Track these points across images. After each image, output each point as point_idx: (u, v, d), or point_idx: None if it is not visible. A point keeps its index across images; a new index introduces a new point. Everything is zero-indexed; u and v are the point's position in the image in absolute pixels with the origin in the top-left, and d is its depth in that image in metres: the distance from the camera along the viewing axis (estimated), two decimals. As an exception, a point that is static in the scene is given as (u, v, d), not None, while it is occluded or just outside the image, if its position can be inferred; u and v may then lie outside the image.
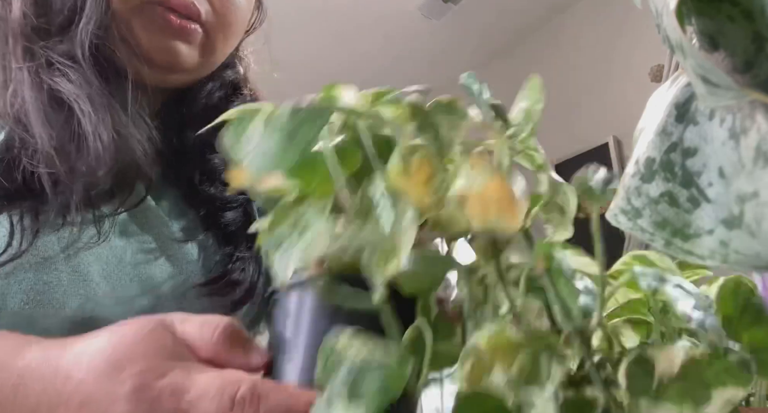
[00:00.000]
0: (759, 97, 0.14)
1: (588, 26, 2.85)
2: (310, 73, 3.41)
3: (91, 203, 0.48)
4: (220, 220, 0.58)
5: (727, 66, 0.16)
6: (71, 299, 0.47)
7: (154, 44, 0.53)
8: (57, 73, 0.48)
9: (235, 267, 0.56)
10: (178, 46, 0.54)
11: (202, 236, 0.57)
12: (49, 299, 0.46)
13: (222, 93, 0.62)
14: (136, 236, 0.53)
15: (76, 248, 0.48)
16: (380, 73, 3.44)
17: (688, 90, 0.18)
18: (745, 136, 0.15)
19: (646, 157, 0.18)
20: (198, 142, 0.58)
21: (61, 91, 0.48)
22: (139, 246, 0.53)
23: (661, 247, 0.17)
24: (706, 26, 0.16)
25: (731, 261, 0.15)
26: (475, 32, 3.13)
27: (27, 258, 0.45)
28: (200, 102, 0.61)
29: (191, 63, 0.56)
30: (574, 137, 2.74)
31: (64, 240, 0.47)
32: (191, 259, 0.55)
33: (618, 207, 0.19)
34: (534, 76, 0.33)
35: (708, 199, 0.16)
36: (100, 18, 0.49)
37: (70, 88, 0.48)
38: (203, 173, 0.59)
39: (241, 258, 0.56)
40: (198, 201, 0.58)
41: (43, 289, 0.46)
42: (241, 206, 0.59)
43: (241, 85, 0.64)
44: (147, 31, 0.53)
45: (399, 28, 3.08)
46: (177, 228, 0.56)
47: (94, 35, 0.49)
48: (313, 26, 3.03)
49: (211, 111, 0.59)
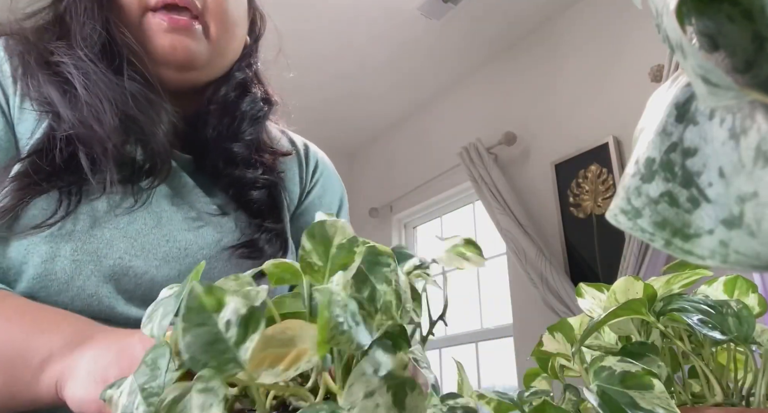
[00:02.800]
0: (759, 97, 0.14)
1: (588, 26, 2.85)
2: (310, 73, 3.41)
3: (128, 177, 0.59)
4: (247, 198, 0.68)
5: (727, 66, 0.16)
6: (113, 251, 0.57)
7: (163, 45, 0.62)
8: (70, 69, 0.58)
9: (263, 236, 0.65)
10: (184, 41, 0.62)
11: (233, 212, 0.66)
12: (95, 248, 0.56)
13: (235, 93, 0.71)
14: (178, 206, 0.64)
15: (116, 213, 0.59)
16: (380, 73, 3.44)
17: (688, 90, 0.18)
18: (745, 136, 0.15)
19: (646, 157, 0.18)
20: (217, 134, 0.68)
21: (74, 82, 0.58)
22: (183, 214, 0.63)
23: (661, 247, 0.17)
24: (706, 26, 0.16)
25: (731, 261, 0.15)
26: (475, 32, 3.13)
27: (79, 218, 0.57)
28: (215, 102, 0.70)
29: (201, 56, 0.64)
30: (574, 137, 2.74)
31: (108, 205, 0.59)
32: (227, 229, 0.65)
33: (618, 207, 0.19)
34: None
35: (708, 199, 0.16)
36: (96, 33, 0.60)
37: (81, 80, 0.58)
38: (226, 160, 0.68)
39: (269, 229, 0.66)
40: (226, 183, 0.68)
41: (90, 241, 0.57)
42: (265, 186, 0.69)
43: (250, 86, 0.73)
44: (154, 35, 0.62)
45: (399, 28, 3.08)
46: (213, 204, 0.66)
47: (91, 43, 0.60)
48: (313, 26, 3.03)
49: (224, 109, 0.71)
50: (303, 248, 0.32)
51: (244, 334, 0.26)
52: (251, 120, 0.71)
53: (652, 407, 0.35)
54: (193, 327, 0.26)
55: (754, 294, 0.51)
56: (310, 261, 0.31)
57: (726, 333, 0.43)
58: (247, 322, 0.27)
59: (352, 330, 0.26)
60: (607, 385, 0.38)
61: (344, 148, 4.32)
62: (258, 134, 0.72)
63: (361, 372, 0.26)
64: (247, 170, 0.69)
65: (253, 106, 0.71)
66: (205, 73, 0.67)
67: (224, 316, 0.27)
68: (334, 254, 0.32)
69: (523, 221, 2.74)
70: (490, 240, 3.17)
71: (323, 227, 0.32)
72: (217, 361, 0.26)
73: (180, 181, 0.65)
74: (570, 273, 2.59)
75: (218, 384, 0.25)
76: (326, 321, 0.26)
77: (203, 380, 0.25)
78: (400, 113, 3.83)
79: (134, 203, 0.60)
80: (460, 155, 3.11)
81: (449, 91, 3.59)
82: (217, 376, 0.25)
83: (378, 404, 0.26)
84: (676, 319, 0.46)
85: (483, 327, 3.14)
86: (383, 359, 0.27)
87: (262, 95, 0.74)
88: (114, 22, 0.61)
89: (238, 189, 0.68)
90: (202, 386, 0.25)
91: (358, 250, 0.32)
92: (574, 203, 2.67)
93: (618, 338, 0.53)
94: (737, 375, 0.47)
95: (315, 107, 3.66)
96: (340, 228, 0.32)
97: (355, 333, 0.26)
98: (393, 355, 0.28)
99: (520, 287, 2.84)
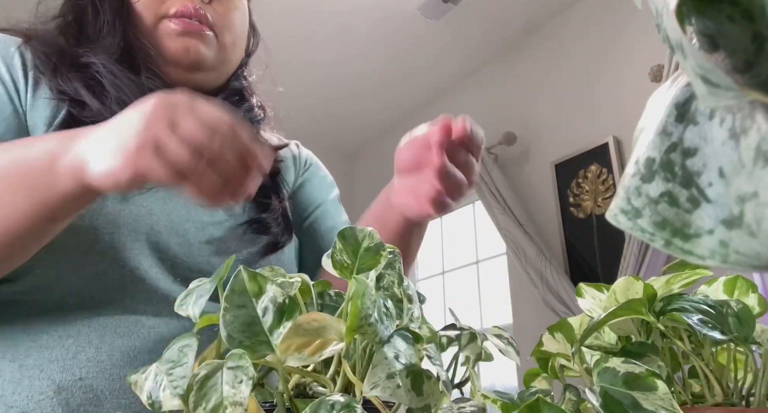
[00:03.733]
0: (759, 97, 0.14)
1: (588, 26, 2.85)
2: (310, 73, 3.41)
3: None
4: None
5: (727, 66, 0.16)
6: (140, 226, 0.62)
7: (176, 47, 0.67)
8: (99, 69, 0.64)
9: (269, 215, 0.72)
10: (197, 44, 0.68)
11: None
12: (124, 222, 0.61)
13: (232, 100, 0.77)
14: None
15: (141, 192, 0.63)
16: (380, 73, 3.44)
17: (688, 90, 0.18)
18: (745, 136, 0.15)
19: (646, 157, 0.18)
20: None
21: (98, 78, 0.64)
22: None
23: (661, 247, 0.17)
24: (706, 26, 0.16)
25: (731, 262, 0.15)
26: (475, 32, 3.12)
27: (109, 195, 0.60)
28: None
29: (211, 60, 0.70)
30: (574, 137, 2.74)
31: None
32: (237, 210, 0.71)
33: (618, 207, 0.19)
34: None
35: (708, 199, 0.16)
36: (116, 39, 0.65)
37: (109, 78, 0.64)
38: None
39: (274, 209, 0.73)
40: None
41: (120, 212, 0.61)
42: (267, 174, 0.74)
43: (246, 94, 0.80)
44: (168, 39, 0.67)
45: (399, 28, 3.08)
46: None
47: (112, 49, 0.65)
48: (313, 27, 3.03)
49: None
50: (335, 246, 0.36)
51: (279, 321, 0.29)
52: (249, 124, 0.77)
53: (655, 408, 0.35)
54: (234, 307, 0.29)
55: (754, 294, 0.51)
56: (340, 259, 0.35)
57: (726, 333, 0.43)
58: (282, 310, 0.29)
59: (378, 325, 0.29)
60: (609, 386, 0.38)
61: (344, 148, 4.31)
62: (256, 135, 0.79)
63: (383, 356, 0.29)
64: None
65: (250, 112, 0.79)
66: (210, 77, 0.73)
67: (263, 302, 0.30)
68: (362, 255, 0.35)
69: (523, 221, 2.74)
70: (490, 240, 3.17)
71: (354, 231, 0.36)
72: (251, 341, 0.28)
73: None
74: (570, 273, 2.59)
75: (248, 363, 0.27)
76: (358, 310, 0.28)
77: (234, 358, 0.27)
78: (400, 113, 3.82)
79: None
80: (460, 155, 3.11)
81: (449, 91, 3.59)
82: (246, 356, 0.28)
83: (399, 384, 0.28)
84: (676, 319, 0.46)
85: (483, 327, 3.14)
86: (403, 347, 0.30)
87: (258, 103, 0.81)
88: (132, 31, 0.66)
89: None
90: (234, 364, 0.27)
91: (384, 254, 0.35)
92: (574, 203, 2.67)
93: (618, 338, 0.53)
94: (737, 375, 0.47)
95: (315, 107, 3.66)
96: (369, 234, 0.36)
97: (380, 327, 0.29)
98: (412, 346, 0.31)
99: (520, 287, 2.84)
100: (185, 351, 0.30)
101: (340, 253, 0.35)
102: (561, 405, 0.45)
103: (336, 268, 0.35)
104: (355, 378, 0.30)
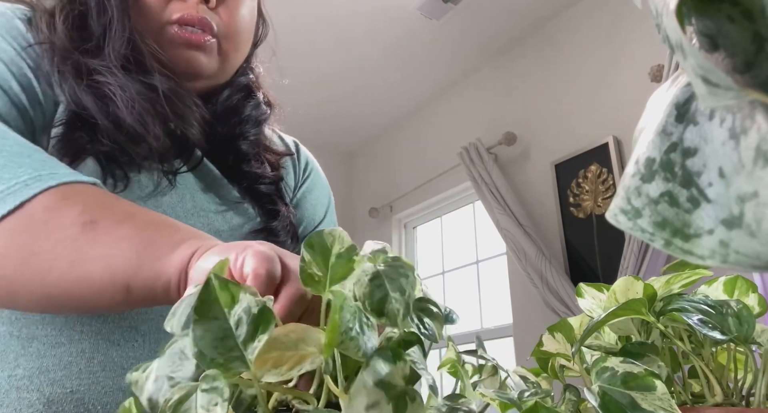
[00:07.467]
0: (759, 97, 0.14)
1: (588, 26, 2.85)
2: (310, 73, 3.41)
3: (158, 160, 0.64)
4: (258, 191, 0.74)
5: (727, 66, 0.16)
6: None
7: (177, 57, 0.66)
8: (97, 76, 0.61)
9: (278, 224, 0.73)
10: (198, 56, 0.67)
11: (249, 201, 0.73)
12: None
13: (239, 96, 0.76)
14: (208, 193, 0.71)
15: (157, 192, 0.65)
16: (380, 72, 3.44)
17: (688, 90, 0.18)
18: (745, 136, 0.15)
19: (646, 157, 0.18)
20: (223, 135, 0.73)
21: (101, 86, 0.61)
22: (213, 200, 0.70)
23: (661, 247, 0.17)
24: (706, 26, 0.16)
25: (731, 262, 0.15)
26: (475, 32, 3.12)
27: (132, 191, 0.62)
28: (221, 104, 0.74)
29: (211, 70, 0.69)
30: (574, 137, 2.74)
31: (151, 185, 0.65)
32: (249, 215, 0.72)
33: (618, 207, 0.19)
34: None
35: (708, 199, 0.16)
36: (123, 41, 0.63)
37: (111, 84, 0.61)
38: (235, 156, 0.74)
39: (282, 217, 0.74)
40: (237, 176, 0.74)
41: None
42: (273, 182, 0.76)
43: (253, 90, 0.78)
44: (170, 47, 0.65)
45: (399, 28, 3.08)
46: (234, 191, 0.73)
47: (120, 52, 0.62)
48: (313, 27, 3.03)
49: (231, 111, 0.74)
50: (303, 259, 0.32)
51: (254, 333, 0.26)
52: (255, 122, 0.76)
53: (654, 408, 0.35)
54: (205, 320, 0.26)
55: (754, 294, 0.51)
56: (310, 272, 0.32)
57: (726, 333, 0.43)
58: (258, 321, 0.27)
59: (360, 338, 0.27)
60: (608, 386, 0.38)
61: (344, 147, 4.31)
62: (260, 134, 0.78)
63: (362, 384, 0.27)
64: (255, 165, 0.75)
65: (257, 109, 0.77)
66: (210, 82, 0.72)
67: (236, 313, 0.27)
68: (334, 263, 0.32)
69: (523, 221, 2.74)
70: (490, 240, 3.17)
71: (321, 236, 0.32)
72: (224, 358, 0.26)
73: (207, 170, 0.72)
74: (570, 273, 2.59)
75: (223, 384, 0.25)
76: (337, 325, 0.26)
77: (208, 380, 0.26)
78: (400, 113, 3.82)
79: (168, 185, 0.66)
80: (460, 155, 3.11)
81: (449, 91, 3.59)
82: (222, 375, 0.26)
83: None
84: (676, 319, 0.46)
85: (483, 327, 3.14)
86: (384, 370, 0.28)
87: (264, 99, 0.79)
88: (140, 36, 0.65)
89: (250, 182, 0.74)
90: (207, 385, 0.25)
91: (357, 259, 0.32)
92: (574, 203, 2.67)
93: (618, 338, 0.53)
94: (737, 375, 0.47)
95: (315, 107, 3.66)
96: (338, 237, 0.33)
97: (362, 340, 0.27)
98: (393, 365, 0.28)
99: (520, 287, 2.84)
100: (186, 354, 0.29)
101: (309, 266, 0.32)
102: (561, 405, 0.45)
103: (308, 284, 0.32)
104: (339, 390, 0.28)
